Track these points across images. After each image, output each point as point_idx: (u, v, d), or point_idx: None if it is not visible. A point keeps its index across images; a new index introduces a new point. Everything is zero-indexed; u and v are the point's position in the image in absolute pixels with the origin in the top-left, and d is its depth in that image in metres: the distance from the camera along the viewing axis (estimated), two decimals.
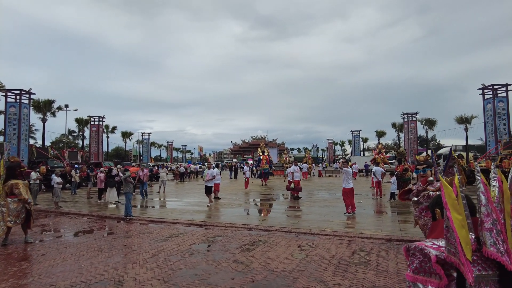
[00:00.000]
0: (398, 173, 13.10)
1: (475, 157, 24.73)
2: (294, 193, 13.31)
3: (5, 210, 6.57)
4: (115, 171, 13.07)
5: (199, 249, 6.13)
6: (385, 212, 10.13)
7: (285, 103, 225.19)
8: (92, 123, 36.39)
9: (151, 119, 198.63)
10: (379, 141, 51.49)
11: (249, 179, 18.71)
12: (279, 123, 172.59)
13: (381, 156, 19.92)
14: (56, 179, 11.84)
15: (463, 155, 26.13)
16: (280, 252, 5.80)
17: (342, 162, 10.72)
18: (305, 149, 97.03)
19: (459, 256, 1.30)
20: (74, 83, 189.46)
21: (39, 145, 29.78)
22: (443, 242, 1.41)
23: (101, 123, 36.75)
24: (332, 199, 13.22)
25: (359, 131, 52.40)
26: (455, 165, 4.79)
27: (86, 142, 39.74)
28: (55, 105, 30.91)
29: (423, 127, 40.28)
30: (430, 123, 40.00)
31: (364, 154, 54.45)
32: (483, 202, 1.41)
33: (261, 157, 22.66)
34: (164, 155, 72.92)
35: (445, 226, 1.40)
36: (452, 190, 1.45)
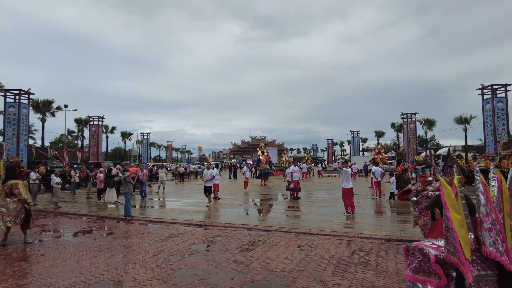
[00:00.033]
0: (397, 173, 13.14)
1: (474, 157, 24.81)
2: (294, 193, 13.31)
3: (5, 210, 6.56)
4: (114, 171, 13.06)
5: (199, 249, 6.13)
6: (385, 212, 10.14)
7: (284, 103, 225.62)
8: (91, 123, 36.40)
9: (151, 119, 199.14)
10: (378, 141, 51.57)
11: (248, 179, 18.70)
12: (278, 123, 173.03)
13: (381, 156, 19.97)
14: (55, 179, 11.84)
15: (462, 155, 26.16)
16: (280, 252, 5.80)
17: (342, 162, 10.69)
18: (304, 149, 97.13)
19: (458, 256, 1.31)
20: (74, 83, 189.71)
21: (39, 145, 29.77)
22: (443, 242, 1.41)
23: (100, 123, 36.74)
24: (332, 199, 13.22)
25: (358, 131, 52.49)
26: (454, 165, 4.80)
27: (86, 142, 39.74)
28: (55, 105, 30.98)
29: (422, 127, 40.42)
30: (429, 123, 40.10)
31: (363, 154, 54.53)
32: (482, 202, 1.42)
33: (260, 157, 22.72)
34: (163, 155, 72.89)
35: (444, 226, 1.40)
36: (452, 190, 1.45)
